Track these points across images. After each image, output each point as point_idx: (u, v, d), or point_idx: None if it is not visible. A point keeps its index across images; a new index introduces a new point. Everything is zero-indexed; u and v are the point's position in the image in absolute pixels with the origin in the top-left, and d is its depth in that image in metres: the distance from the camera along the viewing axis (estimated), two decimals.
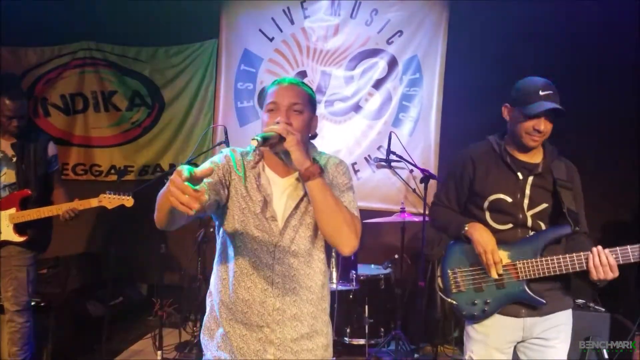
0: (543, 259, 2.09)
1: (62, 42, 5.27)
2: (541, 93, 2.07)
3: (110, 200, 3.17)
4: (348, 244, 1.65)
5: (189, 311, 4.48)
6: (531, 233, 2.17)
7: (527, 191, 2.18)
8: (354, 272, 3.74)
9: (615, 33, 4.17)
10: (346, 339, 3.91)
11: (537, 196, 2.18)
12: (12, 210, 3.18)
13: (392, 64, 4.74)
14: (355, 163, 4.84)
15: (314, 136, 1.81)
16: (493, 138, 2.30)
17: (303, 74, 4.87)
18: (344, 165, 1.81)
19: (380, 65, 4.76)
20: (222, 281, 1.75)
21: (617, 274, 1.98)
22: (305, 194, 1.70)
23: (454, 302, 2.23)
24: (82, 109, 5.31)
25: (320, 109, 4.84)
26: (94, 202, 3.18)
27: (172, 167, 5.07)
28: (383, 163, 4.23)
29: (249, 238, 1.70)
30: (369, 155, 4.80)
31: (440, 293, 2.30)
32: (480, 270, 2.19)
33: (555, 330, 2.17)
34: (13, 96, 3.17)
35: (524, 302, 2.13)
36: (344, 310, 3.84)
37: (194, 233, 4.21)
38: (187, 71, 5.12)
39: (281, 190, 1.73)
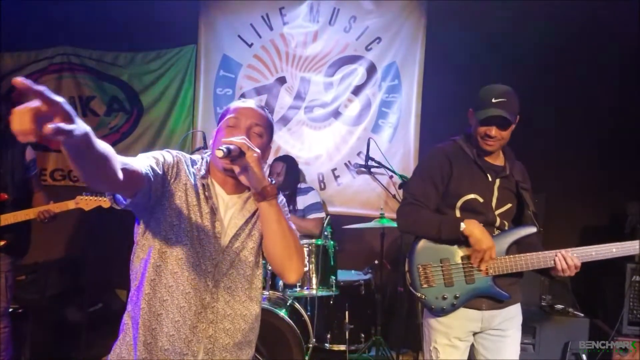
0: (510, 256, 2.23)
1: (39, 47, 5.20)
2: (494, 100, 2.17)
3: (87, 202, 3.16)
4: (297, 271, 1.60)
5: None
6: (497, 232, 2.29)
7: (495, 192, 2.29)
8: (334, 278, 3.75)
9: (595, 35, 4.21)
10: (327, 344, 3.91)
11: (503, 197, 2.31)
12: None
13: (371, 70, 4.77)
14: (335, 169, 4.86)
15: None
16: (460, 139, 2.38)
17: (282, 79, 4.88)
18: (283, 197, 1.77)
19: (359, 71, 4.79)
20: (148, 297, 1.55)
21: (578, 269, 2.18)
22: (252, 216, 1.65)
23: (423, 297, 2.28)
24: None
25: (300, 115, 4.87)
26: (71, 205, 3.18)
27: None
28: (363, 169, 4.25)
29: (192, 252, 1.55)
30: (349, 161, 4.82)
31: (409, 287, 2.34)
32: (450, 265, 2.26)
33: (510, 322, 2.32)
34: None
35: (490, 296, 2.25)
36: (324, 316, 3.86)
37: None
38: (166, 76, 5.09)
39: (226, 208, 1.64)
